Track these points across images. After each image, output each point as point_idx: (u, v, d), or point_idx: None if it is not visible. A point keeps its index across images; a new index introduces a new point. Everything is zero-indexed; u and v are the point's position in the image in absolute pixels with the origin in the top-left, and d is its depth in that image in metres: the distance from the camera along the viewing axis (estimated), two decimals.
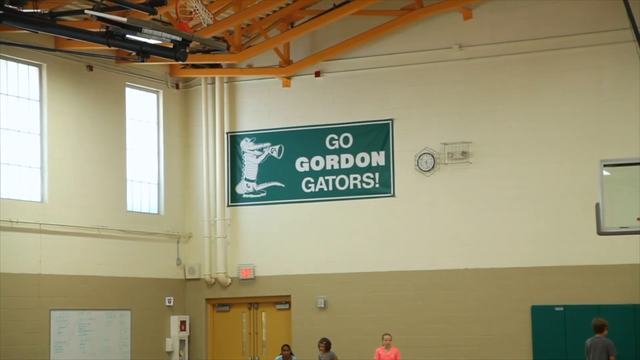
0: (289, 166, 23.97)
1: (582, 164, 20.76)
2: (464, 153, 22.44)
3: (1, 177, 20.42)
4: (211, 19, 19.68)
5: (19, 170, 20.99)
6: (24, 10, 16.18)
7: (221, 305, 24.58)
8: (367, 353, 21.17)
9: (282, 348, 21.35)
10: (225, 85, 24.56)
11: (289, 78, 24.01)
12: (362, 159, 23.44)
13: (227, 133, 24.53)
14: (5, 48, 20.02)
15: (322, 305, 23.41)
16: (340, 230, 23.43)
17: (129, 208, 23.35)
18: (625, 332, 20.52)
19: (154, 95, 24.41)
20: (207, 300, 24.55)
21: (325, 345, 20.93)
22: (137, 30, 16.48)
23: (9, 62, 20.90)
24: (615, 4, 18.29)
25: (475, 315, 22.12)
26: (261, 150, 24.25)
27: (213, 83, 24.57)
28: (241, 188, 24.37)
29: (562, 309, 21.37)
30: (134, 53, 17.66)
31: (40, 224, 20.99)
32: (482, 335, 22.01)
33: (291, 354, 21.17)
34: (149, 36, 16.67)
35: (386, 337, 20.60)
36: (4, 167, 20.53)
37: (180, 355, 23.98)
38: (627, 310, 20.87)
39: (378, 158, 23.30)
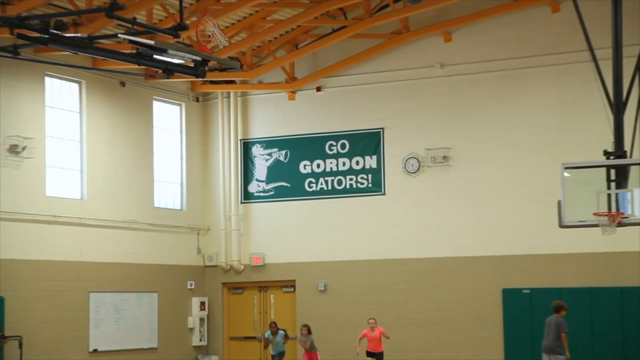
0: (293, 168, 23.94)
1: (547, 167, 20.68)
2: (444, 157, 22.40)
3: (47, 178, 20.48)
4: (227, 41, 19.72)
5: (62, 172, 21.04)
6: (67, 35, 16.28)
7: (235, 288, 24.54)
8: (361, 329, 21.10)
9: (270, 325, 21.15)
10: (239, 98, 24.49)
11: (293, 92, 23.99)
12: (357, 162, 23.42)
13: (241, 140, 24.49)
14: (50, 67, 20.10)
15: (323, 289, 23.40)
16: (338, 224, 23.41)
17: (156, 205, 23.34)
18: (582, 310, 20.57)
19: (178, 107, 24.38)
20: (223, 284, 24.50)
21: (307, 330, 20.77)
22: (163, 51, 16.56)
23: (53, 79, 20.95)
24: (575, 29, 18.26)
25: (454, 297, 22.12)
26: (270, 154, 24.23)
27: (228, 97, 24.52)
28: (252, 187, 24.34)
29: (529, 291, 21.34)
30: (160, 71, 17.73)
31: (80, 218, 21.04)
32: (460, 314, 22.03)
33: (278, 329, 20.94)
34: (173, 56, 16.76)
35: (371, 321, 20.32)
36: (48, 170, 20.58)
37: (200, 331, 23.95)
38: (584, 292, 20.87)
39: (371, 161, 23.29)
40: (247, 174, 24.40)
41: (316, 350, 20.98)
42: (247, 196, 24.36)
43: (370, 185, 23.27)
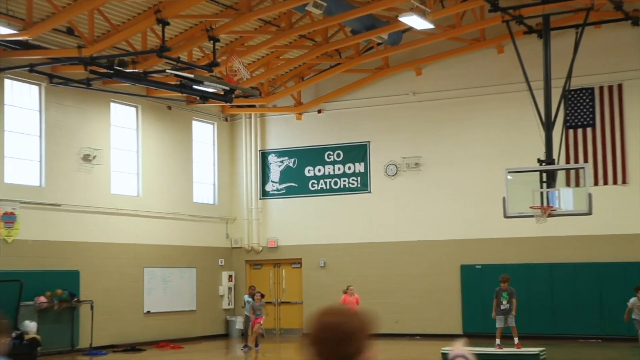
0: (300, 172, 23.92)
1: (495, 171, 20.43)
2: (416, 164, 22.46)
3: (111, 180, 20.59)
4: (249, 75, 19.98)
5: (123, 175, 21.16)
6: (127, 70, 16.61)
7: (255, 264, 24.51)
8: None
9: (250, 288, 20.37)
10: (258, 119, 24.46)
11: (300, 114, 23.99)
12: (349, 168, 23.43)
13: (259, 150, 24.47)
14: (114, 95, 20.27)
15: (323, 265, 23.40)
16: (334, 215, 23.37)
17: (194, 200, 23.33)
18: (522, 282, 20.44)
19: (211, 126, 24.36)
20: (246, 261, 24.45)
21: (261, 296, 19.91)
22: (200, 82, 16.89)
23: (117, 104, 21.04)
24: (515, 66, 18.44)
25: (424, 271, 22.15)
26: (282, 162, 24.17)
27: (250, 117, 24.48)
28: (269, 187, 24.30)
29: (480, 267, 21.40)
30: (198, 97, 18.06)
31: (137, 210, 21.16)
32: (429, 284, 22.05)
33: (254, 292, 19.98)
34: (208, 86, 17.08)
35: (350, 287, 19.32)
36: (113, 173, 20.70)
37: (228, 298, 23.91)
38: (523, 267, 20.94)
39: (359, 167, 23.30)
40: (264, 177, 24.41)
41: (262, 316, 19.85)
42: (264, 194, 24.38)
43: (359, 185, 23.31)
